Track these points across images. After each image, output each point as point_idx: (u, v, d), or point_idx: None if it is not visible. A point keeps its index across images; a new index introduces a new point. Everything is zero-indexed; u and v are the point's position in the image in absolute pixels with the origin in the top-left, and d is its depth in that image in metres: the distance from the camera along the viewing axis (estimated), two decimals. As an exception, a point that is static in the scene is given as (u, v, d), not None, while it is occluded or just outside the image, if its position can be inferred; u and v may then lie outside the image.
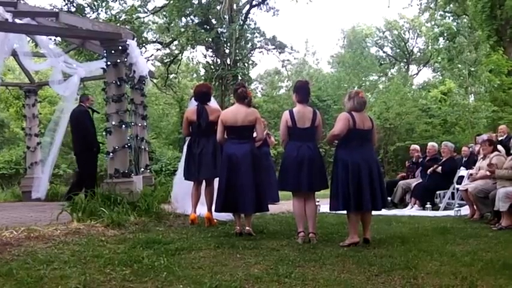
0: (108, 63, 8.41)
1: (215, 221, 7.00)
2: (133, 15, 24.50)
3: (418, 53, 42.08)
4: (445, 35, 29.57)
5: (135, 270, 4.28)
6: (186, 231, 6.39)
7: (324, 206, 7.94)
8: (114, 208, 7.04)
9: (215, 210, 6.59)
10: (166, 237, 5.97)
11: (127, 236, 6.03)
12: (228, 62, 24.78)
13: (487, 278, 4.20)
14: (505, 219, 7.27)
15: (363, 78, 32.29)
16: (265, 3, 26.54)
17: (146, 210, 7.35)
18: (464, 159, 11.18)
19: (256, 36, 26.80)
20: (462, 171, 10.18)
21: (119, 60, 8.40)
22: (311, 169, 5.90)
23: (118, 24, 19.58)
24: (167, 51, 27.88)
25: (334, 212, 6.29)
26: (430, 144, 11.55)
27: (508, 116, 21.71)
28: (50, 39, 12.86)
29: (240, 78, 24.38)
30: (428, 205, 10.14)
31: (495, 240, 6.18)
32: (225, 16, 24.25)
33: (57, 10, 16.82)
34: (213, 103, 7.91)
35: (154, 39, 28.03)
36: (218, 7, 24.51)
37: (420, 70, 42.36)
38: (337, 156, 5.92)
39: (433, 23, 33.72)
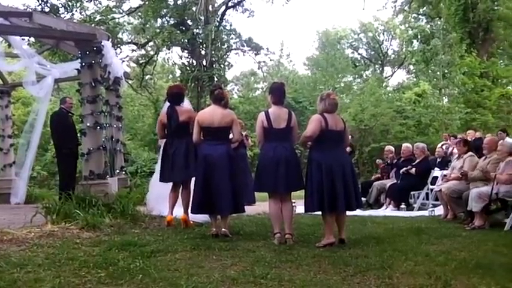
0: (83, 64, 8.33)
1: (191, 222, 6.97)
2: (108, 16, 24.26)
3: (393, 55, 42.58)
4: (419, 37, 29.99)
5: (111, 273, 4.24)
6: (162, 233, 6.35)
7: (300, 207, 7.93)
8: (89, 210, 6.96)
9: (191, 212, 6.56)
10: (142, 239, 5.93)
11: (102, 238, 5.98)
12: (204, 63, 24.72)
13: (460, 277, 4.27)
14: (478, 219, 7.39)
15: (338, 80, 32.50)
16: (241, 4, 26.58)
17: (122, 212, 7.28)
18: (438, 160, 11.35)
19: (232, 38, 26.80)
20: (436, 172, 10.32)
21: (93, 61, 8.33)
22: (287, 170, 5.92)
23: (93, 25, 19.40)
24: (142, 52, 27.72)
25: (310, 212, 6.32)
26: (405, 145, 11.69)
27: (481, 117, 22.15)
28: (24, 39, 12.64)
29: (216, 79, 24.33)
30: (402, 205, 10.26)
31: (468, 240, 6.28)
32: (201, 17, 24.17)
33: (30, 10, 16.56)
34: (187, 104, 7.90)
35: (130, 40, 27.83)
36: (194, 8, 24.43)
37: (395, 72, 42.85)
38: (311, 158, 5.95)
39: (407, 25, 34.23)
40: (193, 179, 6.80)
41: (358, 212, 7.24)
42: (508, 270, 4.55)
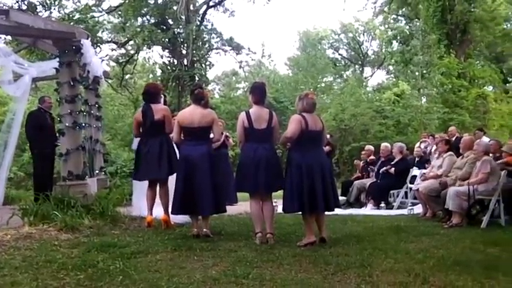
0: (61, 63, 8.24)
1: (172, 223, 6.93)
2: (88, 15, 23.95)
3: (373, 56, 42.92)
4: (398, 38, 30.30)
5: (90, 275, 4.21)
6: (142, 234, 6.30)
7: (281, 207, 7.99)
8: (68, 211, 6.88)
9: (172, 213, 6.52)
10: (122, 240, 5.88)
11: (81, 239, 5.92)
12: (185, 63, 24.60)
13: (438, 274, 4.33)
14: (456, 218, 7.49)
15: (319, 80, 32.67)
16: (222, 4, 26.52)
17: (101, 213, 7.20)
18: (416, 159, 11.47)
19: (213, 37, 26.70)
20: (415, 171, 10.43)
21: (72, 60, 8.25)
22: (268, 170, 5.92)
23: (72, 24, 19.16)
24: (122, 51, 27.46)
25: (289, 213, 6.34)
26: (383, 145, 11.79)
27: (458, 117, 22.45)
28: (0, 37, 12.45)
29: (197, 79, 24.23)
30: (382, 204, 10.35)
31: (446, 238, 6.37)
32: (182, 16, 24.04)
33: (7, 8, 16.31)
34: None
35: (109, 39, 27.52)
36: (175, 7, 24.29)
37: (374, 72, 43.22)
38: (291, 158, 5.96)
39: (386, 26, 34.49)
40: (172, 179, 6.79)
41: (338, 211, 7.28)
42: (485, 267, 4.62)
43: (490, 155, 8.21)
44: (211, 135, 6.52)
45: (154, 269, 4.48)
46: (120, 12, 25.96)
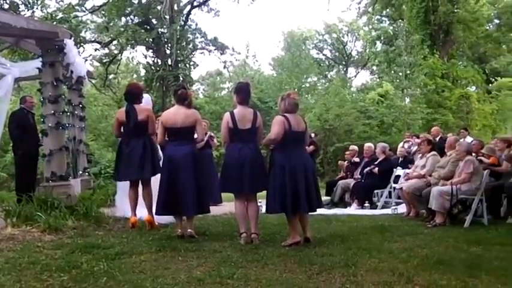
0: (44, 63, 8.16)
1: (156, 224, 6.90)
2: (71, 14, 23.78)
3: (357, 56, 43.15)
4: (382, 38, 30.52)
5: (74, 276, 4.18)
6: (127, 235, 6.27)
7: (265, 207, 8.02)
8: (51, 212, 6.83)
9: (156, 213, 6.50)
10: (106, 241, 5.85)
11: (65, 241, 5.88)
12: (169, 63, 24.54)
13: (422, 273, 4.37)
14: (439, 217, 7.56)
15: (303, 80, 32.75)
16: (206, 4, 26.50)
17: (85, 214, 7.16)
18: (400, 159, 11.55)
19: (198, 37, 26.66)
20: (399, 171, 10.49)
21: (55, 60, 8.18)
22: (253, 170, 5.93)
23: (54, 23, 19.00)
24: (106, 51, 27.32)
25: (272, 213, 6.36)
26: (367, 145, 11.85)
27: (442, 117, 22.66)
28: (-19, 37, 12.30)
29: (181, 79, 24.18)
30: (366, 204, 10.40)
31: (430, 237, 6.43)
32: (166, 16, 23.98)
33: (-12, 7, 16.14)
34: (149, 103, 7.84)
35: (93, 39, 27.36)
36: (159, 7, 24.22)
37: (358, 73, 43.50)
38: (274, 159, 5.96)
39: (370, 26, 34.72)
40: (154, 179, 6.77)
41: (323, 210, 7.31)
42: (468, 265, 4.67)
43: (473, 154, 8.31)
44: (196, 136, 6.50)
45: (139, 270, 4.46)
46: (103, 12, 25.84)
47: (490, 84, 31.84)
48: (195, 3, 26.34)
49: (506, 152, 8.51)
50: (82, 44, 24.82)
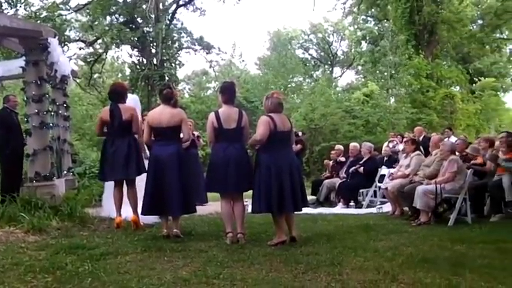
0: (28, 61, 8.08)
1: (141, 224, 6.87)
2: (55, 13, 23.61)
3: (342, 56, 43.34)
4: (368, 38, 30.67)
5: (58, 277, 4.15)
6: (112, 236, 6.23)
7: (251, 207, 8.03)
8: (35, 213, 6.77)
9: (142, 213, 6.46)
10: (91, 242, 5.81)
11: (49, 241, 5.82)
12: (155, 62, 24.48)
13: (407, 271, 4.40)
14: (424, 216, 7.62)
15: (289, 80, 32.82)
16: (192, 3, 26.46)
17: (69, 214, 7.11)
18: (385, 158, 11.62)
19: (183, 36, 26.63)
20: (383, 170, 10.56)
21: (39, 59, 8.10)
22: (238, 170, 5.92)
23: (38, 22, 18.85)
24: (91, 50, 27.18)
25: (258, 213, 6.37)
26: (352, 144, 11.91)
27: (426, 117, 22.83)
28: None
29: (167, 78, 24.13)
30: (352, 203, 10.45)
31: (414, 236, 6.47)
32: (151, 15, 23.91)
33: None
34: (137, 104, 7.80)
35: (77, 38, 27.19)
36: (144, 6, 24.12)
37: (344, 72, 43.70)
38: (260, 159, 5.96)
39: (356, 26, 34.87)
40: (139, 180, 6.74)
41: (308, 210, 7.33)
42: (452, 264, 4.71)
43: (457, 153, 8.39)
44: (182, 135, 6.48)
45: (124, 271, 4.44)
46: (88, 11, 25.68)
47: (474, 84, 32.13)
48: (181, 2, 26.31)
49: (490, 151, 8.60)
50: (66, 42, 24.67)
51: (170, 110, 6.28)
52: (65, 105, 10.53)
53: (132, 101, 7.76)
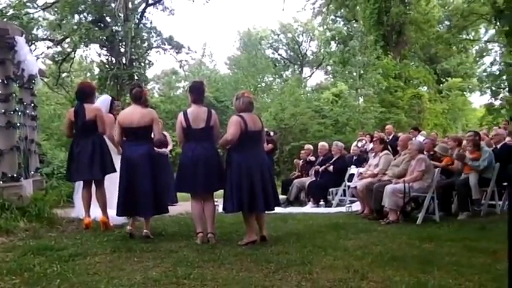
0: (-6, 60, 7.92)
1: (111, 224, 6.81)
2: (22, 11, 23.14)
3: (311, 56, 43.60)
4: (337, 39, 30.93)
5: (26, 279, 4.09)
6: (81, 237, 6.15)
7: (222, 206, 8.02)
8: (2, 214, 6.64)
9: (117, 214, 6.41)
10: (59, 243, 5.73)
11: (16, 243, 5.73)
12: (124, 61, 24.20)
13: (377, 270, 4.46)
14: (392, 214, 7.74)
15: (259, 80, 32.87)
16: (161, 2, 26.24)
17: (37, 215, 6.99)
18: (354, 157, 11.75)
19: (153, 36, 26.42)
20: (353, 169, 10.67)
21: (5, 58, 7.95)
22: (207, 170, 5.90)
23: (5, 20, 18.46)
24: (59, 49, 26.69)
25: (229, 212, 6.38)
26: (321, 144, 12.02)
27: (394, 116, 23.16)
28: None
29: (136, 78, 23.91)
30: (321, 202, 10.54)
31: (383, 234, 6.57)
32: (120, 14, 23.64)
33: None
34: (107, 104, 7.74)
35: (45, 37, 26.71)
36: (113, 5, 23.84)
37: (313, 72, 43.96)
38: (231, 159, 5.98)
39: (325, 27, 35.12)
40: (109, 179, 6.67)
41: (279, 209, 7.36)
42: (420, 261, 4.80)
43: (425, 153, 8.54)
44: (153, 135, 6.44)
45: (93, 272, 4.40)
46: (56, 9, 25.26)
47: (441, 85, 32.75)
48: (150, 2, 26.06)
49: (457, 151, 8.78)
50: (34, 41, 24.21)
51: (141, 110, 6.23)
52: (32, 104, 10.33)
53: (104, 102, 7.69)
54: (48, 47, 26.56)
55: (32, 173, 9.90)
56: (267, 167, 6.13)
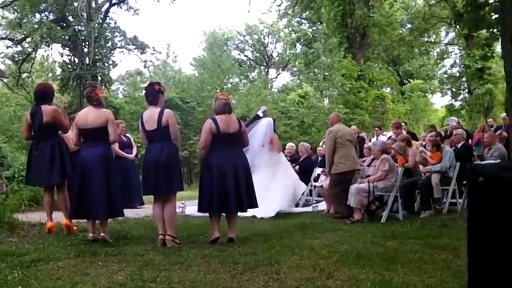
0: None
1: (75, 228, 6.66)
2: (-20, 9, 22.60)
3: (277, 57, 43.81)
4: (302, 40, 31.14)
5: (-15, 286, 3.96)
6: (43, 241, 5.99)
7: (190, 207, 7.95)
8: (-40, 219, 6.44)
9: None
10: (21, 248, 5.57)
11: (-25, 249, 5.55)
12: (87, 62, 23.85)
13: (342, 268, 4.49)
14: (357, 214, 7.82)
15: (225, 81, 32.84)
16: (126, 2, 25.98)
17: (-3, 220, 6.80)
18: (320, 158, 11.82)
19: (117, 36, 26.13)
20: (319, 170, 10.73)
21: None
22: (159, 171, 5.81)
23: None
24: (19, 48, 26.13)
25: (201, 213, 6.36)
26: (289, 144, 12.09)
27: (359, 117, 23.45)
28: None
29: (99, 78, 23.59)
30: (288, 202, 10.56)
31: (349, 233, 6.63)
32: (83, 14, 23.26)
33: None
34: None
35: (5, 36, 26.10)
36: (75, 4, 23.47)
37: (279, 74, 44.18)
38: (205, 161, 6.03)
39: (290, 28, 35.35)
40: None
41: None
42: (385, 259, 4.86)
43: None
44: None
45: (57, 277, 4.29)
46: (15, 7, 24.70)
47: (404, 86, 33.29)
48: (114, 1, 25.78)
49: (419, 155, 8.86)
50: (-8, 41, 23.64)
51: (96, 111, 6.06)
52: (-9, 106, 10.09)
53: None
54: (7, 47, 26.03)
55: (-8, 176, 9.66)
56: (243, 169, 6.12)
